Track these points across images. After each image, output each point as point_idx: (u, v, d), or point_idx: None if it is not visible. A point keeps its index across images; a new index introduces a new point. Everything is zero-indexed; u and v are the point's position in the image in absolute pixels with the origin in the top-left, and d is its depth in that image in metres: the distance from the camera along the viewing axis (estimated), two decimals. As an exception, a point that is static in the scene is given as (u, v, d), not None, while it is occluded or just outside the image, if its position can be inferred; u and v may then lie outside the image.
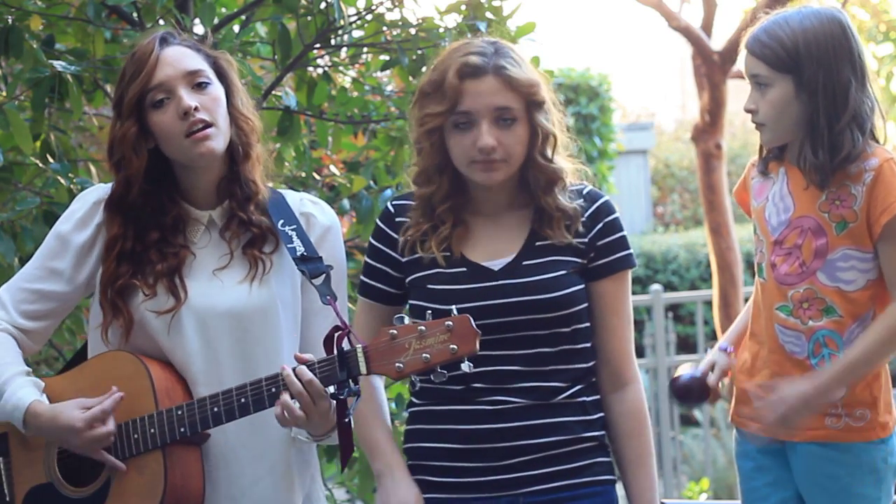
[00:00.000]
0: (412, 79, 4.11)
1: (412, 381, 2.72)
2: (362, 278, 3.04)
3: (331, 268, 2.94)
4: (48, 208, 3.81)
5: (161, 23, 3.97)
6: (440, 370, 2.67)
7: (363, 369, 2.71)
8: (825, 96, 3.00)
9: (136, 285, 2.91)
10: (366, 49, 4.30)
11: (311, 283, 2.91)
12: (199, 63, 2.93)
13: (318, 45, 4.13)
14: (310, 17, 4.05)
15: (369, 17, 4.19)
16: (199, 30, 3.96)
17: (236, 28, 4.23)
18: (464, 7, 4.05)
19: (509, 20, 4.08)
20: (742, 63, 3.10)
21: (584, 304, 2.93)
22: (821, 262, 3.05)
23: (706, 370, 3.19)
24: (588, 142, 12.40)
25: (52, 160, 3.99)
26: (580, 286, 2.92)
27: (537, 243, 2.93)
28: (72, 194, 3.71)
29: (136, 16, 4.09)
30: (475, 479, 2.89)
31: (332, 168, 4.84)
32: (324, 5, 4.00)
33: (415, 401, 3.00)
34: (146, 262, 2.92)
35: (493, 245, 2.94)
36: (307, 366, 2.74)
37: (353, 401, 2.75)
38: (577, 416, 2.92)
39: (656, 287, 9.10)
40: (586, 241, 2.94)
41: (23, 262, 3.38)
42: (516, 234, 2.95)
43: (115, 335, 2.93)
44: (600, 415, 2.97)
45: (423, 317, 2.72)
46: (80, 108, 3.92)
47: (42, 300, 2.97)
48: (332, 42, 4.17)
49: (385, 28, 4.18)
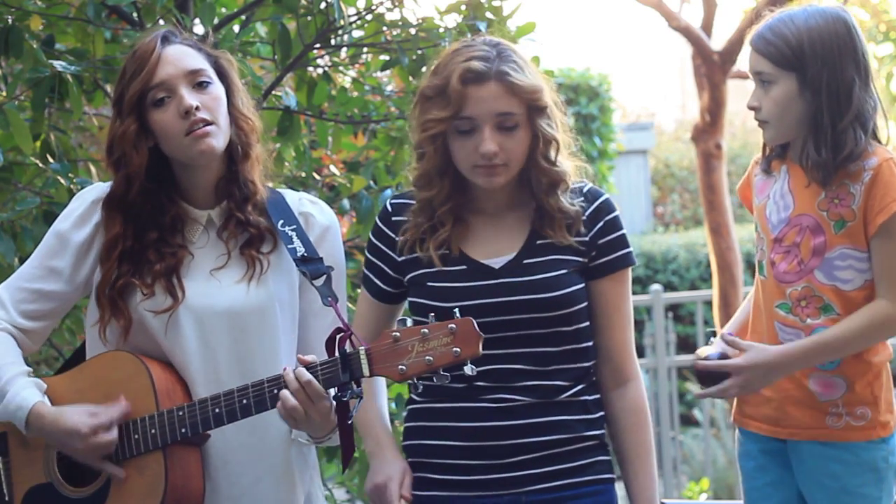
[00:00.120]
0: (412, 79, 4.10)
1: (414, 382, 2.72)
2: (364, 270, 3.04)
3: (331, 269, 2.93)
4: (48, 208, 3.81)
5: (161, 23, 3.96)
6: (443, 373, 2.67)
7: (366, 371, 2.71)
8: (829, 95, 3.00)
9: (135, 284, 2.91)
10: (366, 49, 4.29)
11: (312, 284, 2.91)
12: (200, 62, 2.93)
13: (318, 45, 4.13)
14: (310, 17, 4.05)
15: (369, 17, 4.19)
16: (199, 30, 3.96)
17: (236, 28, 4.22)
18: (464, 7, 4.05)
19: (509, 20, 4.07)
20: (746, 60, 3.10)
21: (585, 303, 2.93)
22: (819, 260, 3.05)
23: (725, 353, 3.13)
24: (588, 142, 12.38)
25: (52, 160, 3.98)
26: (581, 285, 2.93)
27: (538, 242, 2.93)
28: (72, 194, 3.70)
29: (136, 16, 4.09)
30: (478, 477, 2.89)
31: (332, 168, 4.84)
32: (324, 5, 3.99)
33: (415, 398, 3.00)
34: (144, 261, 2.92)
35: (494, 243, 2.94)
36: (310, 367, 2.74)
37: (355, 403, 2.74)
38: (579, 415, 2.92)
39: (656, 287, 9.10)
40: (587, 239, 2.94)
41: (23, 261, 3.37)
42: (517, 232, 2.95)
43: (114, 334, 2.93)
44: (601, 413, 2.97)
45: (424, 314, 2.72)
46: (80, 108, 3.92)
47: (42, 300, 2.97)
48: (332, 42, 4.16)
49: (385, 28, 4.18)
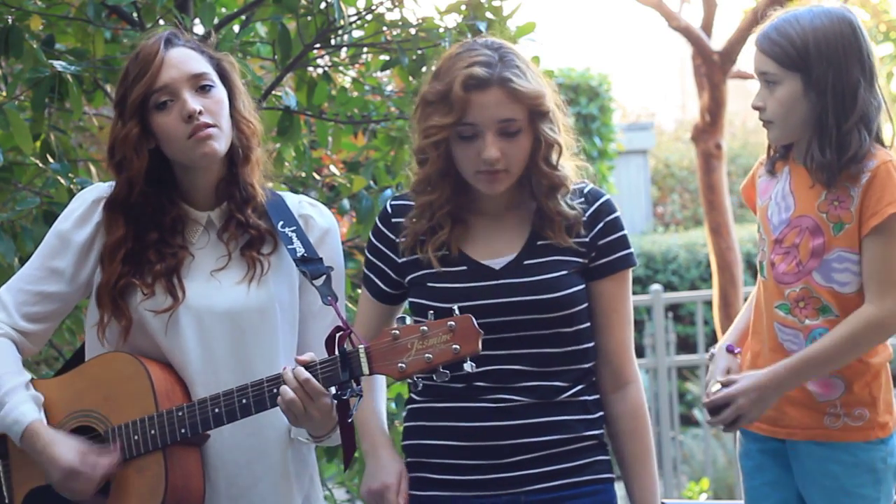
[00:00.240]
0: (412, 79, 4.10)
1: (414, 380, 2.72)
2: (365, 273, 3.04)
3: (331, 269, 2.93)
4: (48, 208, 3.81)
5: (161, 23, 3.96)
6: (442, 370, 2.67)
7: (365, 369, 2.71)
8: (834, 95, 2.99)
9: (136, 284, 2.91)
10: (366, 49, 4.29)
11: (312, 283, 2.91)
12: (203, 65, 2.92)
13: (318, 45, 4.13)
14: (310, 17, 4.05)
15: (369, 17, 4.19)
16: (199, 30, 3.96)
17: (236, 28, 4.22)
18: (464, 7, 4.04)
19: (509, 20, 4.07)
20: (749, 60, 3.09)
21: (585, 304, 2.93)
22: (817, 261, 3.04)
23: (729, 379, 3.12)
24: (588, 142, 12.38)
25: (52, 160, 3.98)
26: (581, 286, 2.92)
27: (538, 243, 2.93)
28: (72, 194, 3.70)
29: (136, 16, 4.09)
30: (476, 477, 2.89)
31: (332, 168, 4.84)
32: (324, 5, 3.99)
33: (415, 397, 2.99)
34: (145, 261, 2.92)
35: (494, 244, 2.94)
36: (310, 366, 2.74)
37: (355, 401, 2.74)
38: (578, 415, 2.92)
39: (656, 287, 9.09)
40: (587, 240, 2.94)
41: (23, 262, 3.38)
42: (517, 233, 2.95)
43: (113, 334, 2.93)
44: (600, 413, 2.97)
45: (424, 315, 2.71)
46: (80, 108, 3.92)
47: (44, 302, 2.96)
48: (332, 42, 4.16)
49: (385, 28, 4.18)
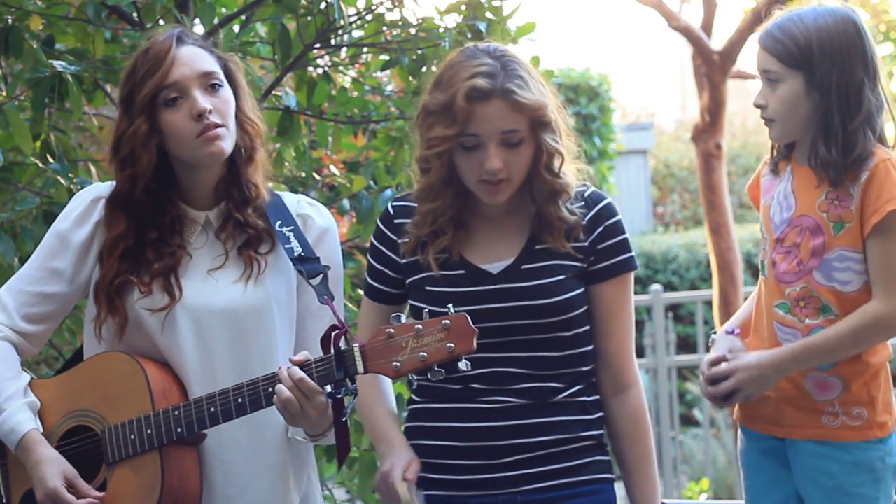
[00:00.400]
0: (412, 79, 4.10)
1: (410, 379, 2.72)
2: (367, 279, 3.04)
3: (328, 268, 2.94)
4: (48, 208, 3.81)
5: (161, 23, 3.97)
6: (437, 369, 2.67)
7: (360, 368, 2.71)
8: (838, 95, 2.99)
9: (133, 282, 2.91)
10: (366, 49, 4.29)
11: (309, 282, 2.91)
12: (212, 65, 2.93)
13: (318, 45, 4.13)
14: (310, 17, 4.05)
15: (369, 17, 4.19)
16: (200, 30, 3.96)
17: (236, 28, 4.23)
18: (464, 7, 4.05)
19: (509, 20, 4.07)
20: (752, 58, 3.09)
21: (584, 309, 2.93)
22: (817, 261, 3.04)
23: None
24: (588, 142, 12.38)
25: (52, 160, 3.98)
26: (579, 290, 2.92)
27: (537, 247, 2.92)
28: (72, 194, 3.69)
29: (136, 16, 4.09)
30: (473, 477, 2.89)
31: (332, 168, 4.84)
32: (324, 5, 4.00)
33: (414, 398, 3.00)
34: (143, 260, 2.92)
35: (493, 248, 2.94)
36: (305, 365, 2.74)
37: (349, 400, 2.75)
38: (576, 416, 2.92)
39: (656, 287, 9.10)
40: (586, 244, 2.93)
41: (23, 262, 3.38)
42: (516, 237, 2.94)
43: (110, 331, 2.93)
44: (600, 414, 2.97)
45: (422, 318, 2.71)
46: (80, 108, 3.92)
47: (44, 302, 2.97)
48: (332, 42, 4.17)
49: (385, 28, 4.18)
